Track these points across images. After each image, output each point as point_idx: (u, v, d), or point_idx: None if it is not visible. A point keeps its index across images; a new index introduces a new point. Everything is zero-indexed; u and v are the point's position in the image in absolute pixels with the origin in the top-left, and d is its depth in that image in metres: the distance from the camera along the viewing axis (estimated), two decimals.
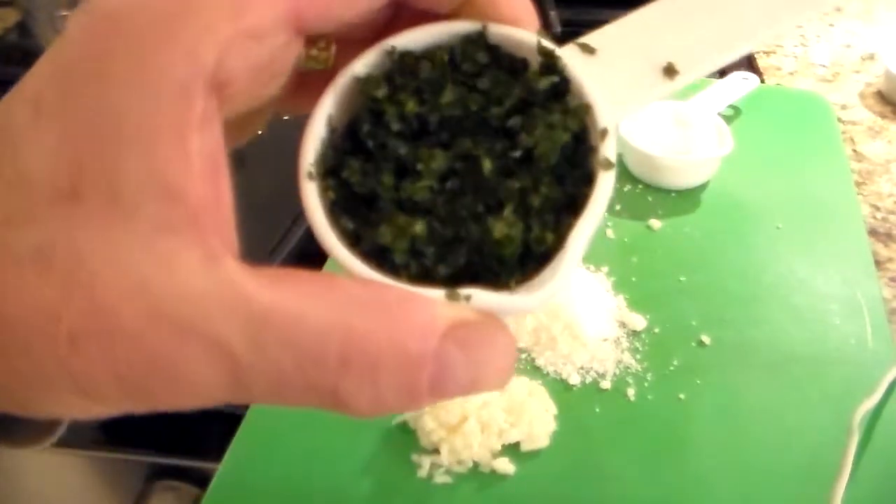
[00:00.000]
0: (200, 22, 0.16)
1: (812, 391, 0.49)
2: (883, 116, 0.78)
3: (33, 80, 0.16)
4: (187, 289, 0.15)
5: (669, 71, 0.22)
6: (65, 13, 0.83)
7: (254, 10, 0.16)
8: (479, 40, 0.21)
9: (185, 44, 0.15)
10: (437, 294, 0.18)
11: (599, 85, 0.21)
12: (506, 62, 0.21)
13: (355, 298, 0.16)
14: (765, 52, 0.90)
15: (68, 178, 0.15)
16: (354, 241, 0.19)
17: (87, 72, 0.16)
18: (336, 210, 0.20)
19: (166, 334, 0.15)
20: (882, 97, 0.81)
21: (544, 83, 0.21)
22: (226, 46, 0.16)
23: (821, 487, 0.42)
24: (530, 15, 0.21)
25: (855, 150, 0.74)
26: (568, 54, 0.21)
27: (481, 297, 0.18)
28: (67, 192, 0.15)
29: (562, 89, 0.21)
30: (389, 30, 0.21)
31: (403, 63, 0.21)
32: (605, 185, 0.20)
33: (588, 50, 0.22)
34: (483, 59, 0.21)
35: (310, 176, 0.20)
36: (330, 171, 0.20)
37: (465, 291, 0.18)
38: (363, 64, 0.21)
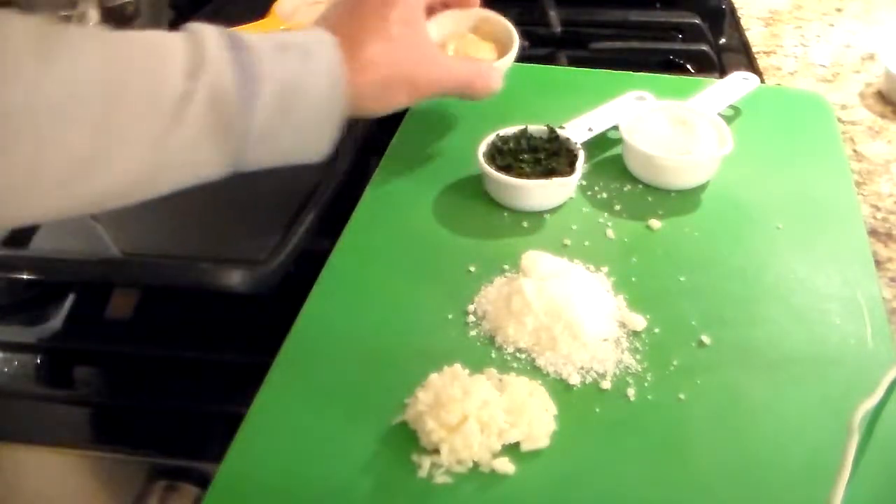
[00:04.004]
0: None
1: (812, 391, 0.49)
2: (883, 116, 0.78)
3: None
4: (434, 53, 0.58)
5: None
6: (65, 13, 0.83)
7: None
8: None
9: None
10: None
11: None
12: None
13: (473, 63, 0.62)
14: (765, 52, 0.90)
15: (396, 27, 0.54)
16: None
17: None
18: None
19: (435, 65, 0.58)
20: (882, 97, 0.81)
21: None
22: None
23: (821, 487, 0.42)
24: None
25: (855, 150, 0.74)
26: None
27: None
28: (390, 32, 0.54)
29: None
30: None
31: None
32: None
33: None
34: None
35: None
36: None
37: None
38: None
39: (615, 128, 0.68)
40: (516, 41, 0.64)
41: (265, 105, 0.46)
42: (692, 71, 0.86)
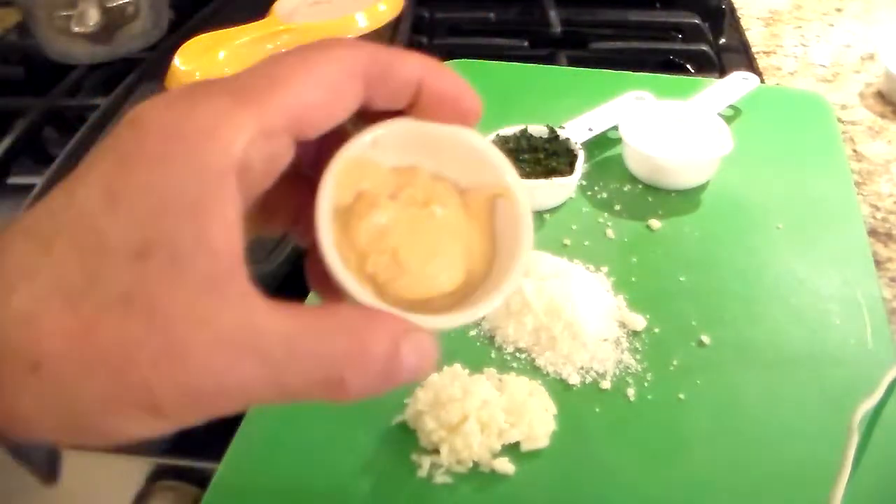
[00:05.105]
0: (233, 126, 0.22)
1: (812, 391, 0.49)
2: (883, 116, 0.78)
3: (97, 173, 0.22)
4: (236, 324, 0.21)
5: None
6: (64, 13, 0.83)
7: (268, 119, 0.22)
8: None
9: (222, 143, 0.21)
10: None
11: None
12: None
13: (347, 323, 0.23)
14: (765, 52, 0.90)
15: (138, 245, 0.21)
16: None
17: (148, 166, 0.21)
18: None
19: (225, 358, 0.21)
20: (882, 97, 0.81)
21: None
22: (249, 143, 0.22)
23: (821, 487, 0.42)
24: (468, 91, 0.27)
25: (855, 150, 0.74)
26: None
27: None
28: (139, 255, 0.21)
29: None
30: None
31: None
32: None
33: None
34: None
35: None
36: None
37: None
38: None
39: (615, 128, 0.68)
40: (523, 251, 0.28)
41: None
42: (692, 71, 0.86)
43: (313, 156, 0.26)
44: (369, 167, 0.26)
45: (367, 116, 0.26)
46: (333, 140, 0.25)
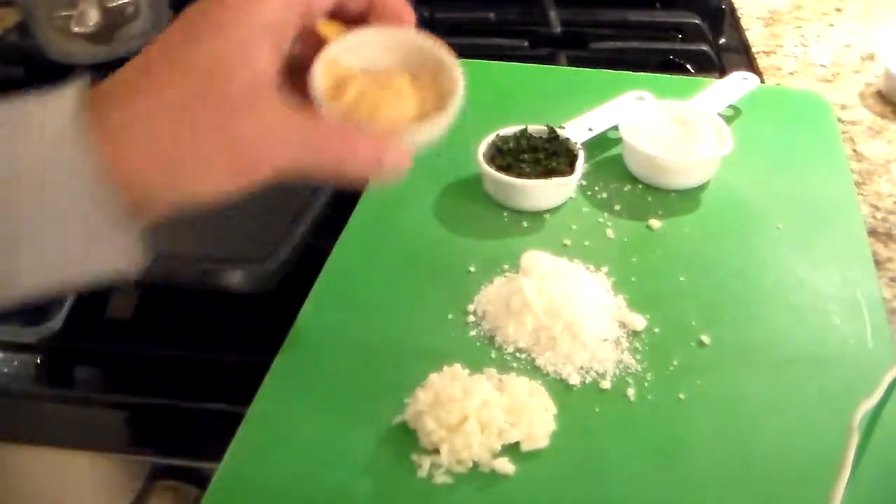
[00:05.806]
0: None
1: (812, 391, 0.49)
2: (883, 116, 0.78)
3: (175, 29, 0.34)
4: (269, 122, 0.33)
5: None
6: (64, 13, 0.83)
7: None
8: None
9: (263, 8, 0.33)
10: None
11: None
12: None
13: (342, 131, 0.35)
14: (765, 52, 0.90)
15: (207, 65, 0.32)
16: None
17: (211, 22, 0.33)
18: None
19: (263, 141, 0.33)
20: (882, 97, 0.81)
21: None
22: (278, 9, 0.34)
23: (821, 487, 0.42)
24: (405, 4, 0.38)
25: (855, 150, 0.74)
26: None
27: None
28: (207, 71, 0.32)
29: None
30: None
31: None
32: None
33: None
34: None
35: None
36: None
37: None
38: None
39: (615, 128, 0.68)
40: (458, 95, 0.37)
41: None
42: (692, 71, 0.86)
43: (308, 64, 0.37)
44: (344, 66, 0.37)
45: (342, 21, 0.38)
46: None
